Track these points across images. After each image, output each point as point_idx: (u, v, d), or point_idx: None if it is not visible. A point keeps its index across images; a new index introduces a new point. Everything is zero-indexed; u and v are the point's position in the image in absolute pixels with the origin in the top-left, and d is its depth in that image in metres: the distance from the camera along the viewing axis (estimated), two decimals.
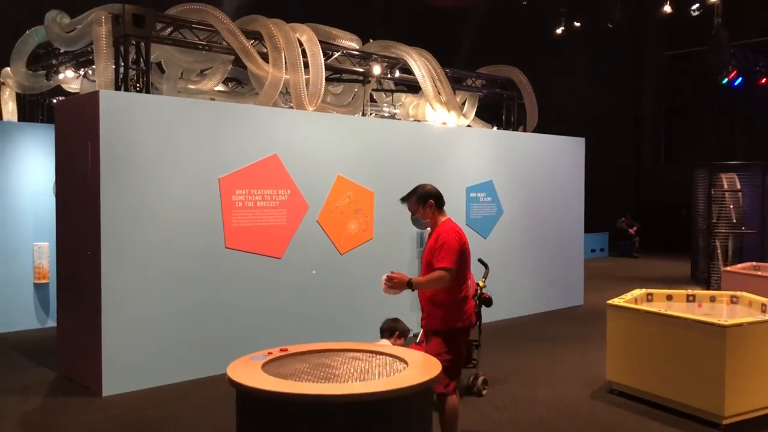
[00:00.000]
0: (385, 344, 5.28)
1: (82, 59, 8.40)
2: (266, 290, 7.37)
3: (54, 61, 8.87)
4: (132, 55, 7.18)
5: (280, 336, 7.08)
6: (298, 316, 7.65)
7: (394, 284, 4.44)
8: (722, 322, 5.44)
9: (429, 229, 4.85)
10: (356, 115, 9.74)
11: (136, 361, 6.42)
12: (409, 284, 4.46)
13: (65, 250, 6.96)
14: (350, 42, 9.30)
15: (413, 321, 8.68)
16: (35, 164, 9.02)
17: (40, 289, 9.08)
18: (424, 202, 4.71)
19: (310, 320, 7.74)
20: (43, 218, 8.89)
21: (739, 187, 12.65)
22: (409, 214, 4.82)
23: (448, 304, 4.61)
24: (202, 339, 6.86)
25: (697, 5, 15.12)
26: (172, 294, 6.68)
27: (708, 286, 12.14)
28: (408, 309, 8.55)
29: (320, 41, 8.52)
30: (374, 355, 4.12)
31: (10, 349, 7.97)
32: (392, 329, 5.90)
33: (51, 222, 7.93)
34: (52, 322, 8.87)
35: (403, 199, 4.83)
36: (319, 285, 7.86)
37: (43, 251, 8.96)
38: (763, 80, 15.90)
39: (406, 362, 3.87)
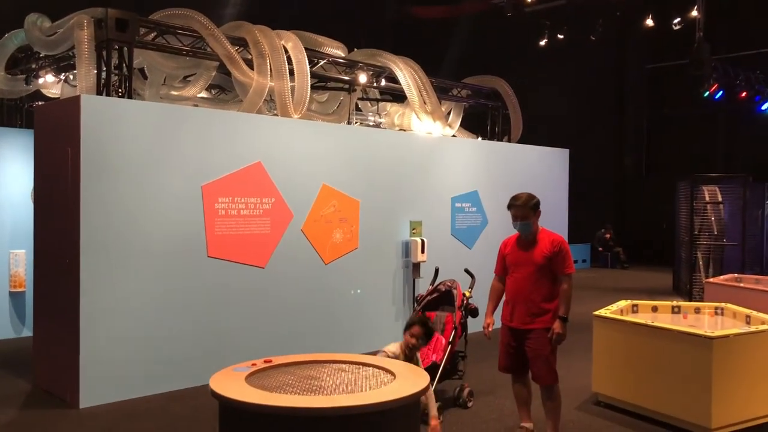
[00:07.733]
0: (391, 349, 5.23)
1: (63, 63, 8.25)
2: (249, 300, 7.24)
3: (34, 65, 8.70)
4: (114, 60, 7.05)
5: (264, 347, 6.97)
6: (282, 326, 7.53)
7: (561, 336, 4.95)
8: (709, 333, 5.43)
9: (522, 233, 5.13)
10: (341, 124, 9.68)
11: (114, 372, 6.26)
12: (564, 319, 4.96)
13: (43, 258, 6.79)
14: (336, 50, 9.25)
15: (397, 331, 8.62)
16: (13, 170, 8.84)
17: (15, 297, 8.87)
18: (536, 209, 5.08)
19: (294, 331, 7.63)
20: (21, 225, 8.70)
21: (720, 199, 12.73)
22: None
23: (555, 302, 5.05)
24: (183, 350, 6.72)
25: (679, 19, 15.33)
26: (152, 303, 6.54)
27: (690, 298, 12.18)
28: (393, 319, 8.47)
29: (306, 48, 8.46)
30: (361, 366, 4.05)
31: None
32: (410, 325, 5.29)
33: (28, 229, 7.75)
34: (28, 332, 8.65)
35: (513, 207, 5.08)
36: (304, 295, 7.76)
37: (20, 259, 8.77)
38: (743, 94, 16.06)
39: (393, 374, 3.80)
